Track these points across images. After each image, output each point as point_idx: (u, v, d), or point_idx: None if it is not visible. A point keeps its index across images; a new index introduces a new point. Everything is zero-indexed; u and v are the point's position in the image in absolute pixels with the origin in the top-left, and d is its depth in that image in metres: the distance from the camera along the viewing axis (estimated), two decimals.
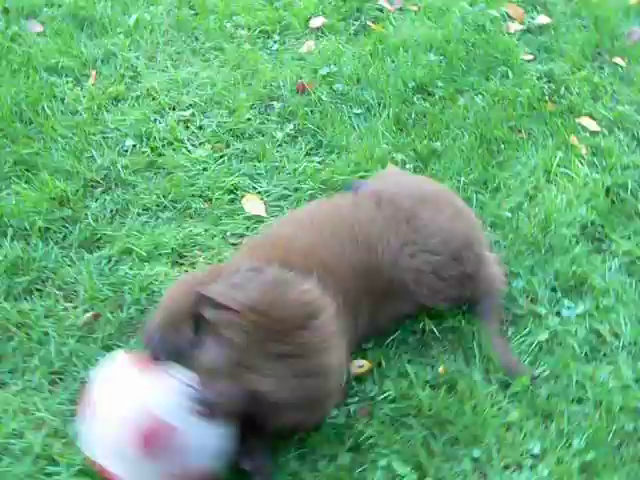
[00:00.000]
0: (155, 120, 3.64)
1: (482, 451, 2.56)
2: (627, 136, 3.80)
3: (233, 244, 3.13)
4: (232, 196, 3.31)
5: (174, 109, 3.71)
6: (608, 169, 3.56)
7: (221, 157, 3.50)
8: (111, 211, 3.22)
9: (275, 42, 4.32)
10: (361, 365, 2.76)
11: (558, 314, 2.99)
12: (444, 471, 2.49)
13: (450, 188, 3.29)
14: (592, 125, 3.83)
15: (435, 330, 2.86)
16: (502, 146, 3.65)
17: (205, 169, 3.42)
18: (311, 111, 3.74)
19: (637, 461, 2.56)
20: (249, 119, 3.69)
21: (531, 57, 4.24)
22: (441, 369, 2.76)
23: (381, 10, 4.59)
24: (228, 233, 3.17)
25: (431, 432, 2.59)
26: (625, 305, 3.02)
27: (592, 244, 3.26)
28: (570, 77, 4.09)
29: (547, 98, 3.94)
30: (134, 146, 3.51)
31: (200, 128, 3.64)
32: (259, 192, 3.34)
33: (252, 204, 3.26)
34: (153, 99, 3.76)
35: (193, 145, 3.55)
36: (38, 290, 2.92)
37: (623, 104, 3.98)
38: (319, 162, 3.49)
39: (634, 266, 3.18)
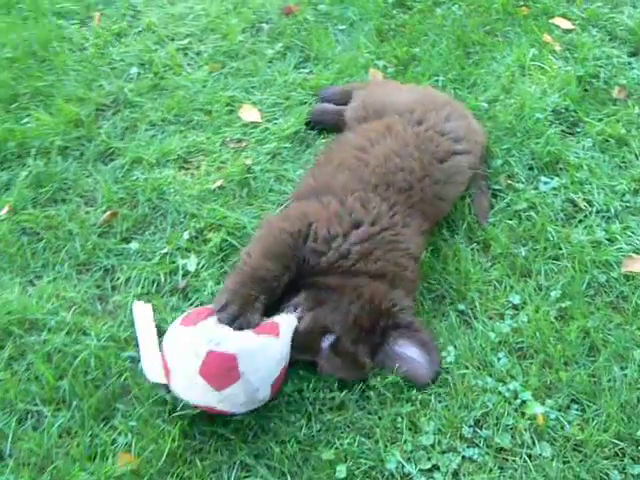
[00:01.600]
0: (156, 50, 3.96)
1: (466, 305, 2.85)
2: (600, 32, 4.02)
3: (233, 148, 3.44)
4: (230, 107, 3.63)
5: (173, 40, 4.03)
6: (580, 61, 3.78)
7: (218, 76, 3.81)
8: (121, 128, 3.56)
9: None
10: None
11: (536, 188, 3.25)
12: (434, 324, 2.79)
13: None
14: (566, 24, 4.05)
15: None
16: (478, 48, 3.91)
17: (204, 87, 3.74)
18: (298, 30, 4.04)
19: (610, 307, 2.84)
20: (241, 41, 4.00)
21: None
22: None
23: None
24: (228, 139, 3.49)
25: (420, 292, 2.89)
26: (598, 178, 3.27)
27: (566, 127, 3.51)
28: None
29: (522, 3, 4.16)
30: (139, 73, 3.85)
31: (198, 54, 3.96)
32: (254, 102, 3.65)
33: (248, 112, 3.58)
34: (153, 32, 4.08)
35: (192, 68, 3.87)
36: (62, 199, 3.27)
37: (596, 2, 4.19)
38: (307, 73, 3.79)
39: (607, 144, 3.43)
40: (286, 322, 2.53)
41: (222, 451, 2.43)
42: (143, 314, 2.77)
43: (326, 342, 2.58)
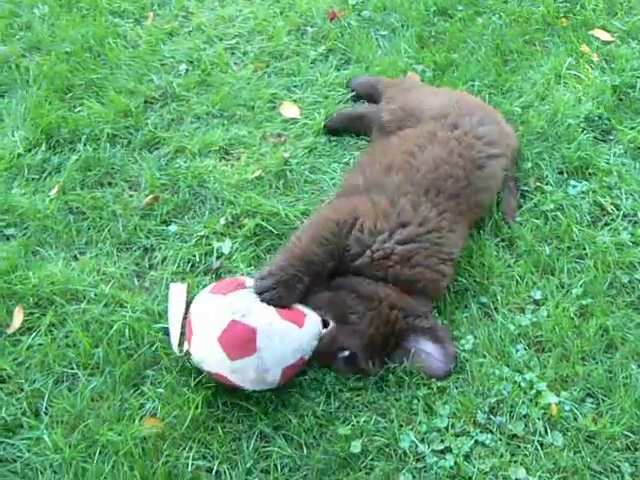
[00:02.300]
0: (205, 49, 4.16)
1: (488, 298, 2.92)
2: None
3: (272, 142, 3.60)
4: (271, 104, 3.79)
5: (221, 39, 4.22)
6: (617, 71, 3.83)
7: (262, 74, 3.98)
8: (168, 120, 3.75)
9: None
10: None
11: (564, 191, 3.30)
12: (456, 315, 2.87)
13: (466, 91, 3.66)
14: (605, 36, 4.09)
15: None
16: (516, 56, 3.99)
17: (248, 84, 3.91)
18: (341, 34, 4.18)
19: (632, 308, 2.88)
20: (286, 43, 4.16)
21: None
22: None
23: None
24: (268, 133, 3.65)
25: None
26: (628, 183, 3.31)
27: (599, 134, 3.56)
28: None
29: (562, 14, 4.23)
30: (187, 70, 4.05)
31: (244, 53, 4.15)
32: (294, 100, 3.81)
33: (288, 109, 3.74)
34: (203, 32, 4.28)
35: (238, 66, 4.06)
36: (108, 182, 3.46)
37: (638, 15, 4.21)
38: (347, 74, 3.92)
39: (638, 151, 3.47)
40: (311, 316, 2.63)
41: (243, 421, 2.55)
42: (177, 295, 2.90)
43: (341, 354, 2.68)
